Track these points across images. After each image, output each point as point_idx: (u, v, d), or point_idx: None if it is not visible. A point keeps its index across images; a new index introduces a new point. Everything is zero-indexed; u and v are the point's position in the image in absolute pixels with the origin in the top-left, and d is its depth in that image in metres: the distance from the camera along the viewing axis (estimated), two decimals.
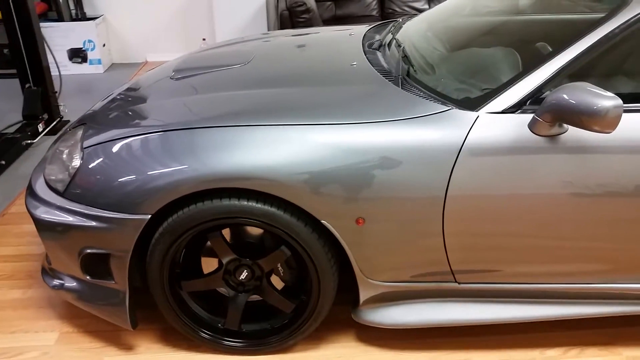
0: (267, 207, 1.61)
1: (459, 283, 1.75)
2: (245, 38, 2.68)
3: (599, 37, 1.56)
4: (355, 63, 1.99)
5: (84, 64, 4.99)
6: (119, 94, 2.16)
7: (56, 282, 1.90)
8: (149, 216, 1.62)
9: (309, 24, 3.70)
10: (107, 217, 1.64)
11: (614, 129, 1.41)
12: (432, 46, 2.05)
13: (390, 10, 4.68)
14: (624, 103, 1.49)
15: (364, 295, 1.76)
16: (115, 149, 1.70)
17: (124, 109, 1.96)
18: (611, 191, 1.58)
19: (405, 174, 1.57)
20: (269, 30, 4.76)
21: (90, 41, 4.90)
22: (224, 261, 1.76)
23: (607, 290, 1.75)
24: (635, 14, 1.56)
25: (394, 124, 1.59)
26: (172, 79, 2.12)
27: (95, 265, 1.74)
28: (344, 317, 1.98)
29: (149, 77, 2.29)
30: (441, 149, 1.56)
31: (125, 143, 1.71)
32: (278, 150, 1.58)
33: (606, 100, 1.39)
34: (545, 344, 1.90)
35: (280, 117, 1.66)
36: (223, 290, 1.84)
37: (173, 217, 1.63)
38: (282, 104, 1.74)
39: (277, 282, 1.84)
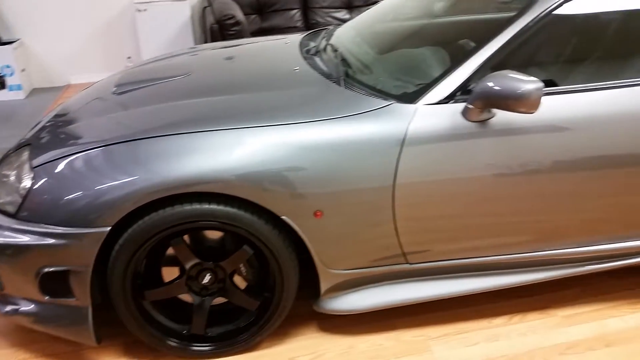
0: (228, 209, 1.66)
1: (410, 264, 1.88)
2: (182, 51, 2.71)
3: (515, 31, 1.76)
4: (297, 68, 2.09)
5: (3, 91, 4.77)
6: (58, 115, 2.13)
7: (9, 308, 1.84)
8: (109, 228, 1.63)
9: (239, 36, 3.77)
10: (66, 233, 1.63)
11: (537, 109, 1.60)
12: (365, 50, 2.19)
13: (314, 21, 4.84)
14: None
15: (324, 285, 1.85)
16: (68, 165, 1.70)
17: (70, 127, 1.94)
18: (537, 168, 1.76)
19: (356, 166, 1.68)
20: (195, 45, 4.77)
21: (7, 66, 4.69)
22: (187, 266, 1.79)
23: (539, 257, 1.94)
24: (544, 9, 1.77)
25: (342, 120, 1.71)
26: (114, 94, 2.13)
27: (54, 284, 1.71)
28: (304, 311, 2.06)
29: (87, 95, 2.27)
30: (387, 140, 1.69)
31: (77, 158, 1.71)
32: (235, 152, 1.64)
33: (528, 83, 1.58)
34: (492, 314, 2.07)
35: (234, 121, 1.72)
36: (186, 297, 1.87)
37: (134, 227, 1.65)
38: (233, 109, 1.81)
39: (240, 283, 1.89)
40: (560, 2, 1.77)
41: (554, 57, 1.87)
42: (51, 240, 1.64)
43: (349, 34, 2.41)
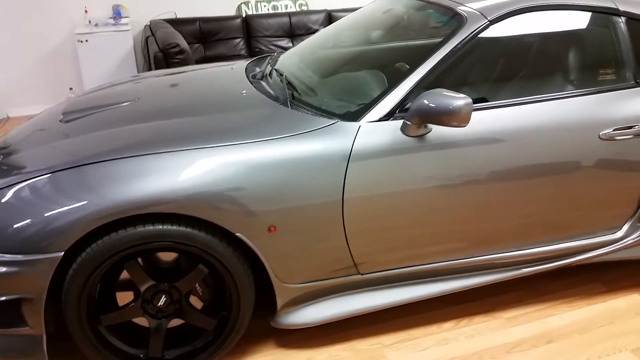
0: (182, 228, 1.70)
1: (362, 274, 1.96)
2: (126, 79, 2.74)
3: (444, 54, 1.91)
4: (244, 92, 2.17)
5: None
6: (2, 146, 2.10)
7: None
8: (62, 253, 1.62)
9: (183, 64, 3.82)
10: (17, 260, 1.61)
11: (468, 123, 1.74)
12: (309, 74, 2.30)
13: (258, 49, 4.96)
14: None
15: (280, 300, 1.90)
16: (15, 194, 1.68)
17: (15, 156, 1.92)
18: (472, 178, 1.90)
19: (306, 182, 1.76)
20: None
21: None
22: (142, 289, 1.80)
23: (481, 262, 2.07)
24: (469, 32, 1.94)
25: (290, 139, 1.79)
26: (61, 122, 2.13)
27: (5, 314, 1.68)
28: (261, 329, 2.10)
29: (31, 125, 2.25)
30: (334, 156, 1.78)
31: (25, 187, 1.69)
32: (187, 172, 1.69)
33: (459, 100, 1.72)
34: (441, 319, 2.18)
35: (185, 142, 1.77)
36: (142, 320, 1.87)
37: (87, 250, 1.65)
38: (183, 131, 1.86)
39: (196, 303, 1.91)
40: (483, 26, 1.95)
41: (481, 75, 2.04)
42: (2, 269, 1.62)
43: (293, 59, 2.52)
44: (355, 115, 1.87)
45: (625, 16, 2.10)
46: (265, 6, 5.20)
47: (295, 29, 5.06)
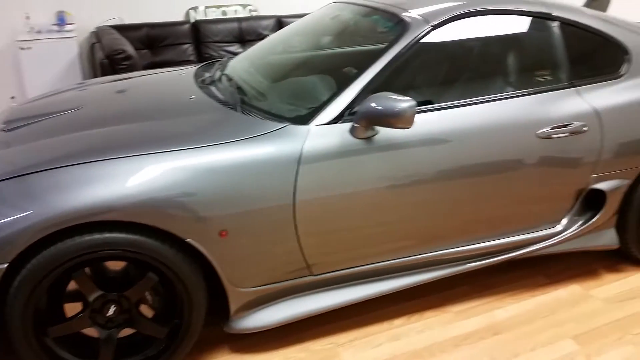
0: (130, 236, 1.68)
1: (315, 275, 1.99)
2: (71, 86, 2.67)
3: (389, 58, 1.97)
4: (193, 97, 2.16)
5: None
6: None
7: None
8: (6, 265, 1.58)
9: (130, 70, 3.75)
10: None
11: (412, 125, 1.80)
12: (259, 79, 2.32)
13: (207, 55, 4.92)
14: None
15: (234, 305, 1.90)
16: None
17: None
18: (419, 178, 1.96)
19: (257, 186, 1.77)
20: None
21: None
22: (90, 299, 1.76)
23: (430, 258, 2.13)
24: (413, 37, 2.01)
25: (241, 142, 1.80)
26: (3, 130, 2.06)
27: None
28: (214, 335, 2.09)
29: None
30: (285, 159, 1.80)
31: None
32: (135, 178, 1.67)
33: (404, 102, 1.77)
34: (393, 315, 2.23)
35: (132, 148, 1.75)
36: (91, 331, 1.83)
37: (32, 261, 1.61)
38: (130, 137, 1.83)
39: (147, 311, 1.88)
40: (425, 32, 2.02)
41: (426, 78, 2.10)
42: None
43: (243, 64, 2.52)
44: (304, 119, 1.89)
45: (558, 20, 2.22)
46: (214, 12, 5.17)
47: (245, 35, 5.05)
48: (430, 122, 1.97)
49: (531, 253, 2.30)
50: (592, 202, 2.33)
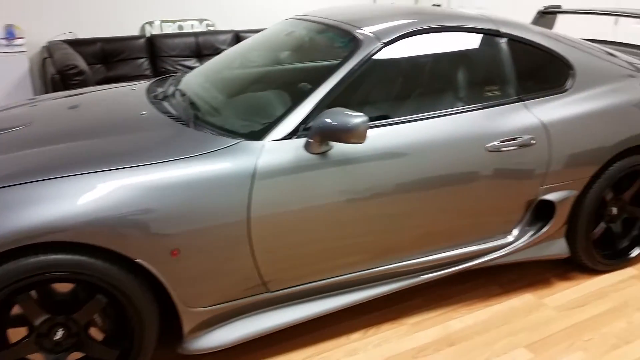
0: (78, 257, 1.62)
1: (271, 292, 1.97)
2: (20, 102, 2.59)
3: (343, 74, 1.99)
4: (145, 112, 2.13)
5: None
6: None
7: None
8: None
9: (82, 85, 3.66)
10: None
11: (365, 140, 1.81)
12: (213, 94, 2.30)
13: (163, 69, 4.87)
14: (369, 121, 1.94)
15: (187, 325, 1.86)
16: None
17: None
18: (374, 192, 1.97)
19: (210, 203, 1.74)
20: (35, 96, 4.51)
21: None
22: (36, 323, 1.69)
23: (386, 271, 2.14)
24: (365, 54, 2.03)
25: (193, 159, 1.77)
26: None
27: None
28: (167, 357, 2.04)
29: None
30: (238, 175, 1.78)
31: None
32: (84, 197, 1.62)
33: (356, 118, 1.78)
34: (349, 330, 2.23)
35: (82, 166, 1.70)
36: (38, 356, 1.75)
37: None
38: (80, 155, 1.78)
39: (97, 334, 1.82)
40: (377, 49, 2.05)
41: (379, 94, 2.13)
42: None
43: (197, 79, 2.50)
44: (259, 135, 1.89)
45: (506, 37, 2.29)
46: (170, 26, 5.12)
47: (203, 49, 5.02)
48: (384, 136, 2.00)
49: (485, 263, 2.34)
50: (542, 212, 2.40)
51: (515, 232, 2.36)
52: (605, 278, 2.62)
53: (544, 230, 2.35)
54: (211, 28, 5.31)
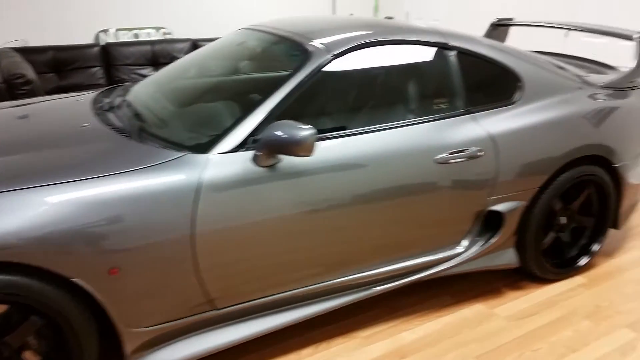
0: (10, 277, 1.55)
1: (218, 309, 1.92)
2: None
3: (292, 86, 1.97)
4: (87, 124, 2.06)
5: None
6: None
7: None
8: None
9: (30, 95, 3.54)
10: None
11: (312, 153, 1.79)
12: (162, 104, 2.24)
13: (118, 78, 4.76)
14: (318, 134, 1.92)
15: (129, 346, 1.79)
16: None
17: None
18: (324, 205, 1.95)
19: (151, 219, 1.69)
20: None
21: None
22: None
23: (336, 285, 2.13)
24: (315, 66, 2.02)
25: (134, 173, 1.71)
26: None
27: None
28: None
29: None
30: (181, 190, 1.73)
31: None
32: (15, 215, 1.55)
33: (304, 130, 1.76)
34: (300, 346, 2.19)
35: (14, 182, 1.62)
36: None
37: None
38: (14, 170, 1.70)
39: (32, 357, 1.74)
40: (327, 61, 2.04)
41: (330, 106, 2.12)
42: None
43: (146, 89, 2.44)
44: (205, 147, 1.84)
45: (455, 50, 2.31)
46: (125, 34, 5.02)
47: (159, 58, 4.94)
48: (334, 149, 1.98)
49: (436, 274, 2.35)
50: (491, 223, 2.42)
51: (465, 242, 2.38)
52: (554, 287, 2.67)
53: (493, 240, 2.38)
54: (168, 36, 5.23)
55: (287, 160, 1.90)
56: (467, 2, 5.46)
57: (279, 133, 1.78)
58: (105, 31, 4.96)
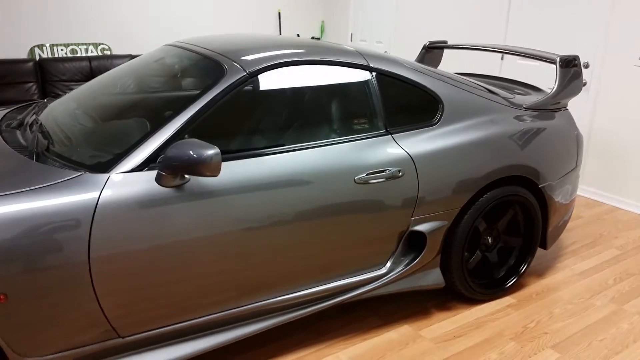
0: None
1: (123, 337, 1.82)
2: None
3: (203, 104, 1.92)
4: None
5: None
6: None
7: None
8: None
9: None
10: None
11: (218, 173, 1.73)
12: (73, 122, 2.15)
13: (54, 94, 4.61)
14: (231, 153, 1.87)
15: None
16: None
17: None
18: (235, 227, 1.89)
19: (43, 242, 1.59)
20: None
21: None
22: None
23: (256, 308, 2.06)
24: (228, 84, 1.97)
25: (26, 194, 1.62)
26: None
27: None
28: None
29: None
30: (76, 211, 1.64)
31: None
32: None
33: (209, 149, 1.70)
34: None
35: None
36: None
37: None
38: None
39: None
40: (242, 79, 2.00)
41: (245, 125, 2.06)
42: None
43: (62, 107, 2.34)
44: (105, 166, 1.76)
45: (375, 71, 2.31)
46: (62, 50, 4.88)
47: (96, 73, 4.81)
48: (247, 168, 1.93)
49: (360, 295, 2.31)
50: (415, 243, 2.41)
51: (389, 263, 2.35)
52: (483, 307, 2.67)
53: (416, 261, 2.36)
54: (107, 52, 5.12)
55: (196, 181, 1.84)
56: (410, 25, 5.56)
57: (181, 152, 1.72)
58: (40, 46, 4.81)
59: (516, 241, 2.74)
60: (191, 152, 1.70)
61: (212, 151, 1.71)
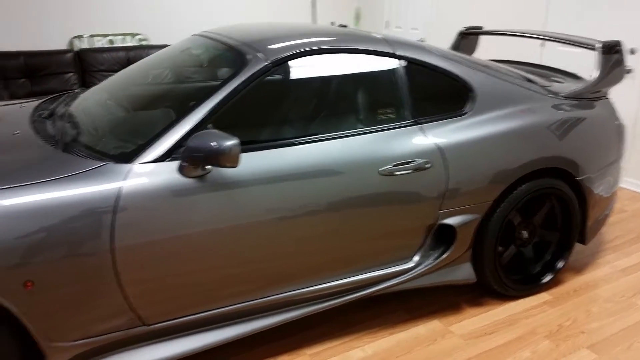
0: None
1: (148, 325, 1.84)
2: None
3: (225, 94, 1.90)
4: (17, 132, 1.99)
5: None
6: None
7: None
8: None
9: None
10: None
11: (238, 164, 1.72)
12: (101, 113, 2.17)
13: (92, 84, 4.70)
14: (255, 143, 1.85)
15: None
16: None
17: None
18: (259, 218, 1.87)
19: (65, 232, 1.61)
20: None
21: None
22: None
23: (281, 299, 2.04)
24: (250, 74, 1.95)
25: (52, 183, 1.64)
26: None
27: None
28: None
29: None
30: (99, 201, 1.66)
31: None
32: None
33: (228, 140, 1.69)
34: None
35: None
36: None
37: None
38: None
39: None
40: (264, 68, 1.97)
41: (268, 115, 2.04)
42: None
43: (92, 97, 2.37)
44: (129, 156, 1.77)
45: (403, 59, 2.24)
46: (100, 40, 4.97)
47: (133, 62, 4.89)
48: (270, 159, 1.91)
49: (387, 289, 2.26)
50: (444, 237, 2.34)
51: (417, 257, 2.29)
52: (517, 304, 2.58)
53: (446, 255, 2.29)
54: (144, 43, 5.18)
55: (218, 172, 1.82)
56: (446, 12, 5.40)
57: (201, 143, 1.71)
58: (79, 37, 4.91)
59: (553, 236, 2.63)
60: (211, 143, 1.69)
61: (231, 142, 1.69)
